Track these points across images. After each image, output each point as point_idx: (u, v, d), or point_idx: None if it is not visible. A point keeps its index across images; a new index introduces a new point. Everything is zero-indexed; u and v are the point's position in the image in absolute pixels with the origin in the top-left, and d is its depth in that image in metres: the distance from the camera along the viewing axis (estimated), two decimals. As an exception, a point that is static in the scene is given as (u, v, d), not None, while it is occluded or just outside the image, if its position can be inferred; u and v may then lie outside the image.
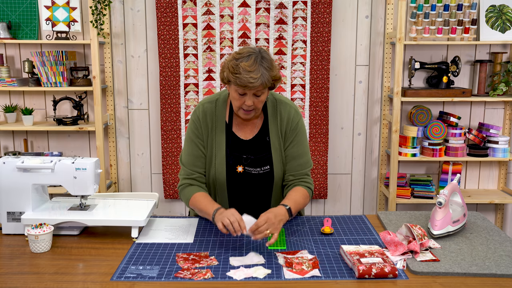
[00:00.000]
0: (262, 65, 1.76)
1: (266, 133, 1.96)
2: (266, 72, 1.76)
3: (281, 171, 1.97)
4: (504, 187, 3.55)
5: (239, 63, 1.75)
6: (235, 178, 1.95)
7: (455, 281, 1.48)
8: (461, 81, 3.46)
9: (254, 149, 1.95)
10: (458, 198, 1.90)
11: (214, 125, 1.95)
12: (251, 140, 1.96)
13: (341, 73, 3.45)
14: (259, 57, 1.77)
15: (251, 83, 1.73)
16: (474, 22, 3.26)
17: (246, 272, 1.53)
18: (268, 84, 1.78)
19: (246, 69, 1.73)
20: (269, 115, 1.97)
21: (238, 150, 1.95)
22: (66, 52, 3.26)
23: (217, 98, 1.99)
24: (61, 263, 1.62)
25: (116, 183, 3.56)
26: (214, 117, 1.96)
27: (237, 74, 1.74)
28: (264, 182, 1.97)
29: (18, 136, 3.52)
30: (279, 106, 1.98)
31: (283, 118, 1.96)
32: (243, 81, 1.73)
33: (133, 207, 1.93)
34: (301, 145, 1.98)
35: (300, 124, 1.98)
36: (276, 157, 1.95)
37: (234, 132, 1.97)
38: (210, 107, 1.97)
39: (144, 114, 3.50)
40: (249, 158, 1.94)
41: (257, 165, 1.94)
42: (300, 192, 1.93)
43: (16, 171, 1.82)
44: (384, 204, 3.59)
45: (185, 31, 3.30)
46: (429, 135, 3.33)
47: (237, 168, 1.94)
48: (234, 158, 1.94)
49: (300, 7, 3.28)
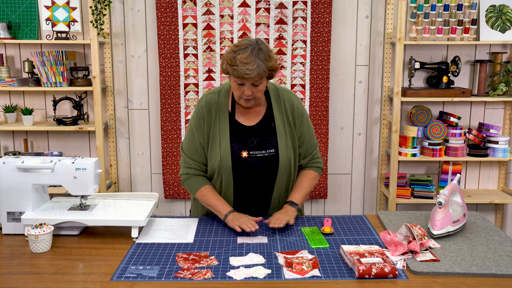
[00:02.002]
0: (259, 56, 1.84)
1: (271, 119, 2.03)
2: (262, 63, 1.84)
3: (286, 155, 2.01)
4: (504, 187, 3.55)
5: (236, 55, 1.84)
6: (240, 163, 1.98)
7: (455, 281, 1.48)
8: (461, 81, 3.46)
9: (260, 134, 2.01)
10: (458, 198, 1.90)
11: (218, 114, 2.01)
12: (255, 126, 2.02)
13: (341, 73, 3.45)
14: (255, 49, 1.84)
15: (247, 74, 1.82)
16: (474, 22, 3.26)
17: (246, 272, 1.53)
18: (264, 74, 1.86)
19: (242, 61, 1.81)
20: (272, 102, 2.04)
21: (242, 136, 2.00)
22: (66, 52, 3.26)
23: (219, 90, 2.07)
24: (61, 263, 1.62)
25: (116, 183, 3.56)
26: (218, 106, 2.02)
27: (234, 66, 1.83)
28: (269, 166, 2.00)
29: (18, 136, 3.52)
30: (281, 93, 2.07)
31: (287, 105, 2.05)
32: (239, 73, 1.82)
33: (133, 207, 1.93)
34: (310, 130, 2.12)
35: (304, 110, 2.11)
36: (282, 141, 2.01)
37: (237, 120, 2.02)
38: (213, 97, 2.04)
39: (144, 114, 3.50)
40: (254, 141, 1.99)
41: (262, 148, 1.99)
42: (307, 177, 2.10)
43: (16, 171, 1.82)
44: (384, 204, 3.59)
45: (185, 31, 3.30)
46: (429, 135, 3.33)
47: (242, 153, 1.98)
48: (239, 144, 1.98)
49: (300, 7, 3.28)
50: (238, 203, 2.04)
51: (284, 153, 2.00)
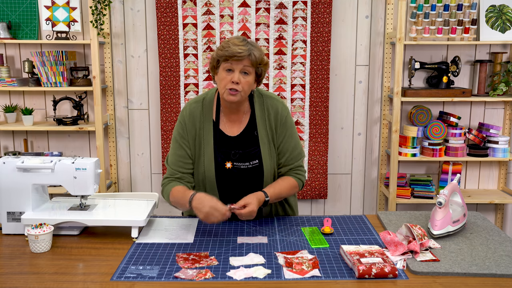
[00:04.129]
0: (251, 44, 1.88)
1: (254, 127, 1.99)
2: (254, 49, 1.86)
3: (270, 165, 1.98)
4: (504, 187, 3.55)
5: (228, 40, 1.88)
6: (224, 174, 1.96)
7: (455, 281, 1.48)
8: (461, 81, 3.46)
9: (242, 144, 1.97)
10: (458, 198, 1.90)
11: (202, 124, 1.98)
12: (238, 136, 1.98)
13: (341, 73, 3.45)
14: (247, 39, 1.90)
15: (239, 53, 1.81)
16: (474, 22, 3.26)
17: (246, 272, 1.53)
18: (255, 61, 1.85)
19: (235, 42, 1.84)
20: (256, 110, 2.00)
21: (226, 146, 1.97)
22: (66, 52, 3.26)
23: (203, 97, 2.02)
24: (61, 263, 1.61)
25: (116, 183, 3.56)
26: (202, 116, 1.98)
27: (226, 48, 1.84)
28: (254, 177, 1.98)
29: (18, 136, 3.52)
30: (266, 100, 2.02)
31: (271, 112, 2.00)
32: (231, 51, 1.82)
33: (133, 207, 1.93)
34: (293, 138, 2.02)
35: (288, 117, 2.03)
36: (265, 151, 1.97)
37: (221, 130, 1.99)
38: (197, 107, 2.00)
39: (144, 114, 3.50)
40: (237, 153, 1.96)
41: (245, 159, 1.96)
42: (287, 182, 1.99)
43: (16, 171, 1.82)
44: (384, 204, 3.59)
45: (185, 31, 3.30)
46: (429, 135, 3.33)
47: (226, 164, 1.96)
48: (222, 155, 1.96)
49: (300, 7, 3.28)
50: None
51: (268, 164, 1.97)
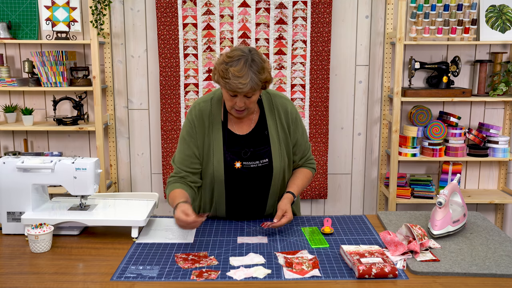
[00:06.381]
0: (252, 69, 1.78)
1: (264, 127, 1.98)
2: (255, 77, 1.78)
3: (280, 163, 1.98)
4: (504, 187, 3.55)
5: (228, 67, 1.77)
6: (233, 174, 1.95)
7: (455, 281, 1.49)
8: (461, 81, 3.46)
9: (253, 143, 1.97)
10: (458, 198, 1.90)
11: (211, 124, 1.97)
12: (248, 135, 1.98)
13: (341, 73, 3.45)
14: (248, 61, 1.78)
15: (240, 89, 1.77)
16: (474, 22, 3.26)
17: (246, 272, 1.53)
18: (257, 87, 1.82)
19: (235, 74, 1.75)
20: (265, 109, 2.00)
21: (235, 145, 1.96)
22: (66, 52, 3.26)
23: (211, 97, 2.01)
24: (61, 263, 1.62)
25: (116, 183, 3.56)
26: (211, 116, 1.97)
27: (226, 79, 1.77)
28: (262, 176, 1.98)
29: (18, 136, 3.52)
30: (274, 99, 2.02)
31: (281, 112, 2.00)
32: (232, 87, 1.77)
33: (133, 207, 1.93)
34: (304, 133, 2.09)
35: (297, 114, 2.07)
36: (275, 149, 1.97)
37: (230, 129, 1.98)
38: (206, 106, 1.99)
39: (144, 114, 3.50)
40: (248, 152, 1.95)
41: (255, 158, 1.96)
42: (305, 175, 2.08)
43: (16, 171, 1.82)
44: (384, 204, 3.59)
45: (185, 31, 3.30)
46: (429, 135, 3.33)
47: (235, 164, 1.95)
48: (231, 154, 1.95)
49: (300, 7, 3.28)
50: (231, 211, 2.02)
51: (278, 163, 1.97)
